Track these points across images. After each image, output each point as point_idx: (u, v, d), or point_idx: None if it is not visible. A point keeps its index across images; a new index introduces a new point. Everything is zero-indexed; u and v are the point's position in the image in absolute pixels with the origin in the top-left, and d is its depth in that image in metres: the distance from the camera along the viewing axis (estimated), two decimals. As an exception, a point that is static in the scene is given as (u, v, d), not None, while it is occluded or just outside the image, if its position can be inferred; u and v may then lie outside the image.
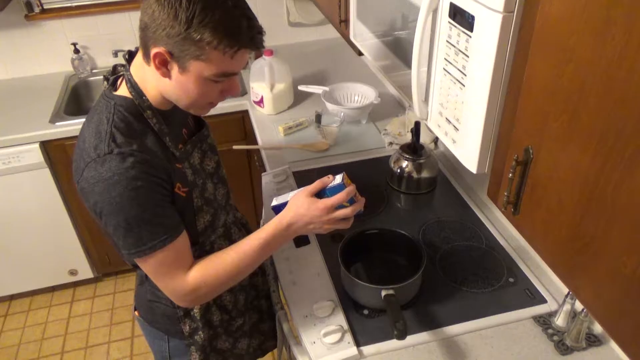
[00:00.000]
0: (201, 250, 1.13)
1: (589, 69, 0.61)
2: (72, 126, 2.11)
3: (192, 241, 1.10)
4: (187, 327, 1.18)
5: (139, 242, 0.94)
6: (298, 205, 1.03)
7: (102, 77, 1.04)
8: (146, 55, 0.93)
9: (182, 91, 0.94)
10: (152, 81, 0.96)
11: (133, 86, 0.97)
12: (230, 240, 1.23)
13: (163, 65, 0.91)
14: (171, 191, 0.98)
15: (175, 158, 1.01)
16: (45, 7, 2.41)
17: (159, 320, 1.20)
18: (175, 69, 0.91)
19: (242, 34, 0.88)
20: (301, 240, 1.43)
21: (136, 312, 1.27)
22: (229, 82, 0.97)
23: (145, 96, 0.97)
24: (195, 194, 1.06)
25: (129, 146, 0.91)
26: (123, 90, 0.98)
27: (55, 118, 2.15)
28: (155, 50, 0.88)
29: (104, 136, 0.92)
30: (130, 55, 1.01)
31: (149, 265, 0.99)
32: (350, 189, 1.03)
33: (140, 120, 0.97)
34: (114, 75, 1.02)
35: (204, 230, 1.12)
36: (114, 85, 1.01)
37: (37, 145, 2.09)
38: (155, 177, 0.93)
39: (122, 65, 1.02)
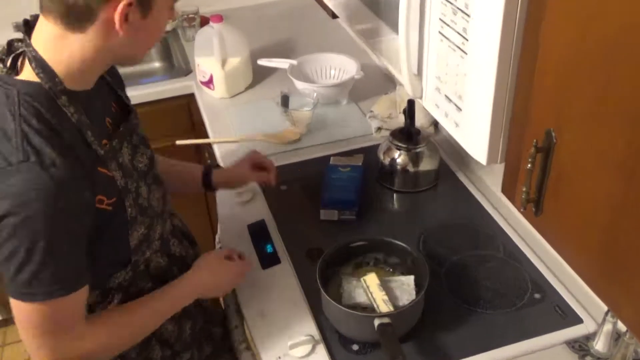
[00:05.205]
0: (134, 272, 1.14)
1: (620, 25, 0.61)
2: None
3: (124, 262, 1.11)
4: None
5: (34, 281, 0.93)
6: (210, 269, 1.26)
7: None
8: (86, 20, 0.93)
9: (145, 38, 1.02)
10: (77, 50, 0.96)
11: (41, 65, 0.95)
12: (168, 255, 1.23)
13: (126, 20, 0.94)
14: (93, 211, 0.98)
15: (99, 159, 1.00)
16: None
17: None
18: (137, 16, 0.96)
19: None
20: (269, 260, 1.42)
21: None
22: (172, 12, 1.07)
23: (57, 77, 0.96)
24: (129, 202, 1.06)
25: (49, 149, 0.91)
26: (27, 73, 0.96)
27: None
28: (122, 5, 0.91)
29: (15, 138, 0.90)
30: (28, 26, 0.99)
31: (34, 314, 0.97)
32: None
33: (53, 111, 0.95)
34: (12, 54, 1.00)
35: (137, 246, 1.12)
36: (14, 68, 0.99)
37: None
38: (79, 197, 0.95)
39: (20, 40, 1.00)
